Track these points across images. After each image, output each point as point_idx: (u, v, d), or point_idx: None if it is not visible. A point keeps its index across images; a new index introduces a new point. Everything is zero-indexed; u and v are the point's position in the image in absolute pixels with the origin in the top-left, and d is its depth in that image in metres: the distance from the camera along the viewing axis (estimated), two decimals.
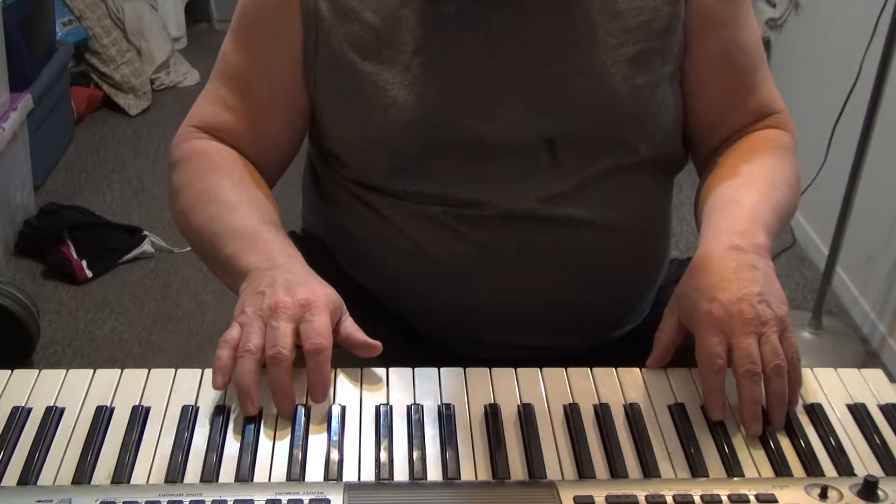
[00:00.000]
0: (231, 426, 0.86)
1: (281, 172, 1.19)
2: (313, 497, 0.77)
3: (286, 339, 0.88)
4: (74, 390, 0.90)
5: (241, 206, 1.05)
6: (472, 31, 1.06)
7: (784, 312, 0.92)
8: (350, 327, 0.94)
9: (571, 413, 0.89)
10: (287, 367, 0.87)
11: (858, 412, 0.92)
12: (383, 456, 0.84)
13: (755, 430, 0.88)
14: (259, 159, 1.14)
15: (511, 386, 0.93)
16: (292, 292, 0.91)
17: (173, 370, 0.92)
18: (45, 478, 0.81)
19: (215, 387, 0.88)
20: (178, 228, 1.12)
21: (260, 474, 0.81)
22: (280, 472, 0.82)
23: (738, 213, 1.03)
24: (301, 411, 0.88)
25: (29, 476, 0.80)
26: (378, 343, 0.93)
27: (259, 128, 1.13)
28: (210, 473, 0.81)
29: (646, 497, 0.78)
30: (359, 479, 0.82)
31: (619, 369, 0.95)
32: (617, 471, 0.83)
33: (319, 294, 0.92)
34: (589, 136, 1.08)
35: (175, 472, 0.81)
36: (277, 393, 0.87)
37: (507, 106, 1.07)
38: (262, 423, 0.87)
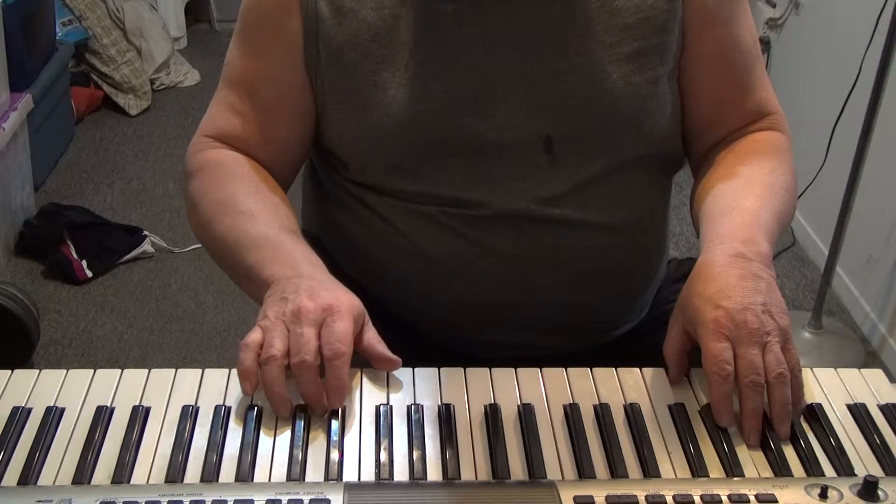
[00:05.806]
0: (231, 426, 0.86)
1: (294, 174, 1.19)
2: (313, 497, 0.77)
3: (310, 344, 0.87)
4: (74, 390, 0.90)
5: (259, 215, 1.05)
6: (470, 29, 1.06)
7: (786, 323, 0.92)
8: (373, 338, 0.94)
9: (571, 413, 0.89)
10: (314, 374, 0.87)
11: (858, 412, 0.92)
12: (383, 456, 0.83)
13: (754, 441, 0.88)
14: (271, 163, 1.14)
15: (511, 386, 0.92)
16: (315, 297, 0.91)
17: (173, 370, 0.92)
18: (45, 478, 0.81)
19: (245, 393, 0.88)
20: (198, 240, 1.13)
21: (260, 474, 0.81)
22: (280, 472, 0.82)
23: (740, 218, 1.02)
24: (301, 411, 0.88)
25: (29, 476, 0.80)
26: (398, 359, 0.93)
27: (268, 131, 1.13)
28: (210, 473, 0.81)
29: (646, 497, 0.78)
30: (359, 479, 0.82)
31: (619, 369, 0.95)
32: (617, 471, 0.83)
33: (343, 300, 0.92)
34: (586, 133, 1.08)
35: (175, 472, 0.81)
36: (308, 398, 0.87)
37: (505, 104, 1.07)
38: (262, 423, 0.87)
